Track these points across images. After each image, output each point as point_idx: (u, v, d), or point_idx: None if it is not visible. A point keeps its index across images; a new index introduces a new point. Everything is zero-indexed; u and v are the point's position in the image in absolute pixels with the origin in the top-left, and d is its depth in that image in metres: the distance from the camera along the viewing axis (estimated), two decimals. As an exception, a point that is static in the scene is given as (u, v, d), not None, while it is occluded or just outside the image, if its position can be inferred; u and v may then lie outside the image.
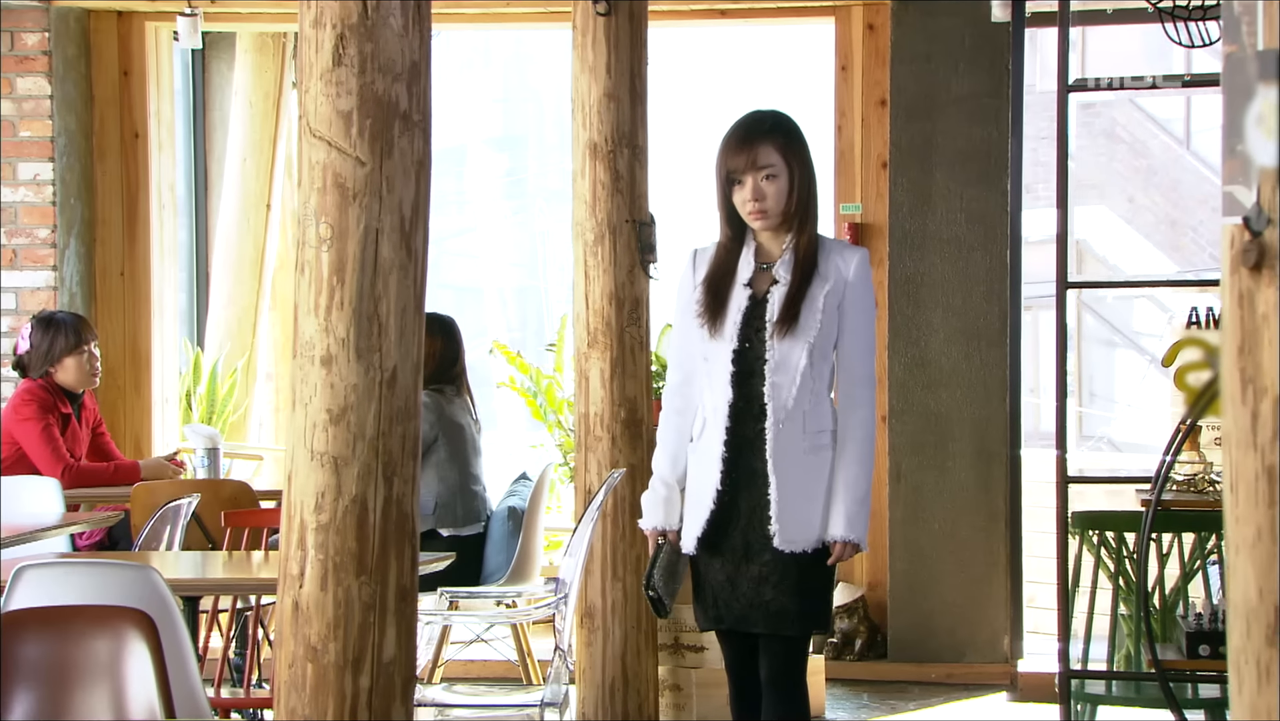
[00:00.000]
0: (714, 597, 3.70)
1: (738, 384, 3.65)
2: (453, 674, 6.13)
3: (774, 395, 3.62)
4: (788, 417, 3.62)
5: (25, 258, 6.91)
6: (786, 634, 3.66)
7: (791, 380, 3.62)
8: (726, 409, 3.65)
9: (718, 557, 3.68)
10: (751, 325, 3.67)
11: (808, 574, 3.64)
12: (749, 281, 3.71)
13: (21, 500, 5.30)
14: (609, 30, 5.66)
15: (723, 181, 3.71)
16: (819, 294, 3.64)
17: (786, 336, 3.63)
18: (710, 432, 3.68)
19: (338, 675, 3.04)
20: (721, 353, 3.67)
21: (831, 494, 3.63)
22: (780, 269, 3.69)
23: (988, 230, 6.53)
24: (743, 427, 3.65)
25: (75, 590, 3.57)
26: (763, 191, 3.66)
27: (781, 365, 3.63)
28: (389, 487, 3.14)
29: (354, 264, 3.16)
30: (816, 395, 3.64)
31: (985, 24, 6.42)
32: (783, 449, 3.61)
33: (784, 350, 3.63)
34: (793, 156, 3.69)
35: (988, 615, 6.48)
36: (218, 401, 7.96)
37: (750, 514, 3.65)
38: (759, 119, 3.75)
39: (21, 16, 6.81)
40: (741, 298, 3.69)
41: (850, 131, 6.82)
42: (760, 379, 3.64)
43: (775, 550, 3.61)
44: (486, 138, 14.60)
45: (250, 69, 8.17)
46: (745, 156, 3.67)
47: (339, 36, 3.09)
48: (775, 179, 3.67)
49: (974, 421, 6.51)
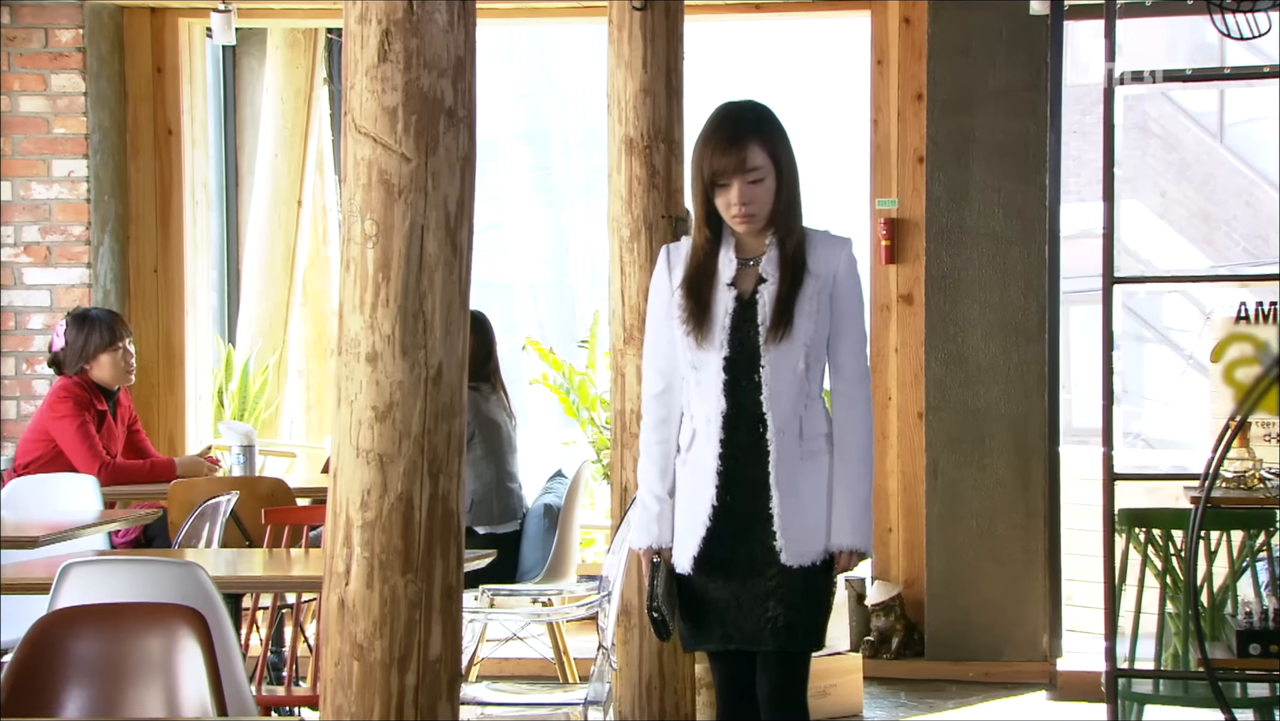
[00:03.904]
0: (718, 617, 3.49)
1: (730, 393, 3.47)
2: (488, 672, 6.11)
3: (773, 403, 3.45)
4: (786, 426, 3.45)
5: (60, 255, 6.91)
6: (793, 650, 3.48)
7: (789, 386, 3.45)
8: (720, 419, 3.46)
9: (719, 575, 3.48)
10: (741, 329, 3.48)
11: (814, 586, 3.48)
12: (732, 280, 3.51)
13: (59, 497, 5.30)
14: (645, 25, 5.63)
15: (705, 183, 3.50)
16: (811, 292, 3.47)
17: (782, 340, 3.45)
18: (702, 445, 3.49)
19: (384, 673, 3.03)
20: (711, 361, 3.47)
21: (833, 501, 3.47)
22: (767, 265, 3.49)
23: (1026, 225, 6.48)
24: (739, 437, 3.47)
25: (121, 587, 3.57)
26: (751, 195, 3.47)
27: (778, 371, 3.45)
28: (434, 485, 3.13)
29: (399, 260, 3.14)
30: (810, 398, 3.48)
31: (1023, 17, 6.37)
32: (783, 458, 3.45)
33: (779, 355, 3.45)
34: (779, 154, 3.50)
35: (1026, 613, 6.43)
36: (250, 398, 7.95)
37: (753, 527, 3.47)
38: (742, 115, 3.53)
39: (56, 13, 6.81)
40: (727, 299, 3.49)
41: (886, 126, 6.78)
42: (755, 386, 3.46)
43: (781, 564, 3.44)
44: (511, 133, 14.59)
45: (281, 65, 8.16)
46: (732, 158, 3.46)
47: (384, 32, 3.07)
48: (763, 181, 3.47)
49: (1012, 417, 6.47)
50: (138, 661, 3.18)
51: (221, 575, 4.01)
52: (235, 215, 8.43)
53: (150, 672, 3.18)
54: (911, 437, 6.69)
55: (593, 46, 11.85)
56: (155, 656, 3.18)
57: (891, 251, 6.73)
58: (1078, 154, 11.89)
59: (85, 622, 3.23)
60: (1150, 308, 13.71)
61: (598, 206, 12.45)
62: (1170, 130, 13.82)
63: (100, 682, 3.16)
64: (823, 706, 5.80)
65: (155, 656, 3.18)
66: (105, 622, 3.24)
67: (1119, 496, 5.12)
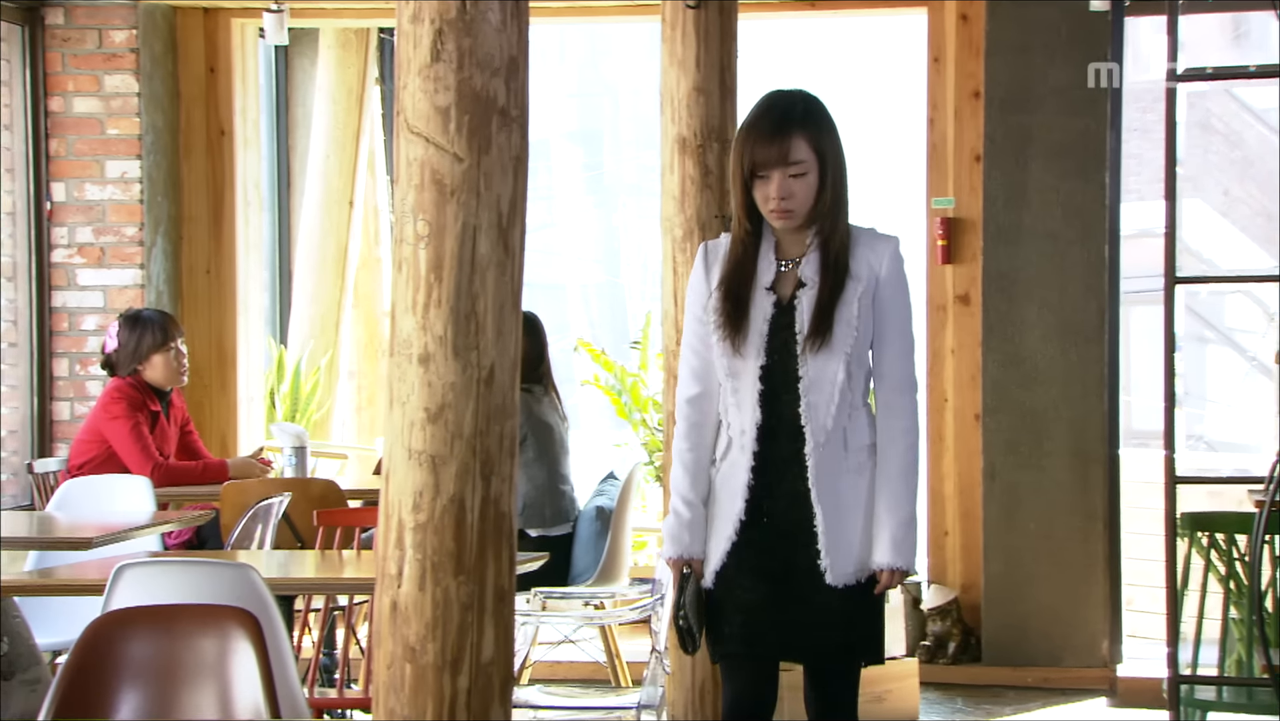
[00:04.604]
0: (744, 623, 3.34)
1: (767, 403, 3.31)
2: (540, 675, 6.08)
3: (811, 415, 3.29)
4: (828, 439, 3.29)
5: (113, 255, 6.93)
6: (836, 666, 3.36)
7: (829, 397, 3.29)
8: (754, 431, 3.32)
9: (750, 583, 3.34)
10: (779, 336, 3.32)
11: (855, 604, 3.33)
12: (771, 284, 3.34)
13: (113, 499, 5.30)
14: (698, 23, 5.59)
15: (745, 174, 3.33)
16: (852, 297, 3.29)
17: (821, 350, 3.28)
18: (735, 456, 3.35)
19: (436, 675, 3.02)
20: (748, 369, 3.32)
21: (875, 516, 3.31)
22: (807, 269, 3.32)
23: (1085, 224, 6.41)
24: (776, 450, 3.32)
25: (174, 589, 3.58)
26: (790, 190, 3.30)
27: (817, 381, 3.29)
28: (487, 487, 3.12)
29: (451, 261, 3.12)
30: (854, 407, 3.32)
31: (1083, 13, 6.30)
32: (825, 472, 3.29)
33: (818, 365, 3.29)
34: (825, 149, 3.32)
35: (1085, 618, 6.36)
36: (301, 399, 7.96)
37: (794, 538, 3.32)
38: (789, 105, 3.35)
39: (110, 14, 6.83)
40: (765, 304, 3.33)
41: (943, 124, 6.72)
42: (794, 396, 3.30)
43: (816, 581, 3.30)
44: (563, 133, 14.59)
45: (333, 65, 8.16)
46: (775, 150, 3.29)
47: (437, 32, 3.05)
48: (805, 176, 3.30)
49: (1070, 420, 6.39)
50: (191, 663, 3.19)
51: (274, 577, 4.00)
52: (287, 216, 8.44)
53: (204, 674, 3.19)
54: (968, 440, 6.63)
55: (645, 45, 11.82)
56: (209, 658, 3.20)
57: (948, 251, 6.67)
58: (1138, 152, 11.78)
59: (139, 624, 3.25)
60: (1213, 308, 13.57)
61: (650, 206, 12.42)
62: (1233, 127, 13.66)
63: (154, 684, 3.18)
64: (878, 711, 5.74)
65: (209, 658, 3.20)
66: (159, 624, 3.25)
67: (1181, 500, 5.04)
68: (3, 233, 6.87)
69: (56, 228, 6.92)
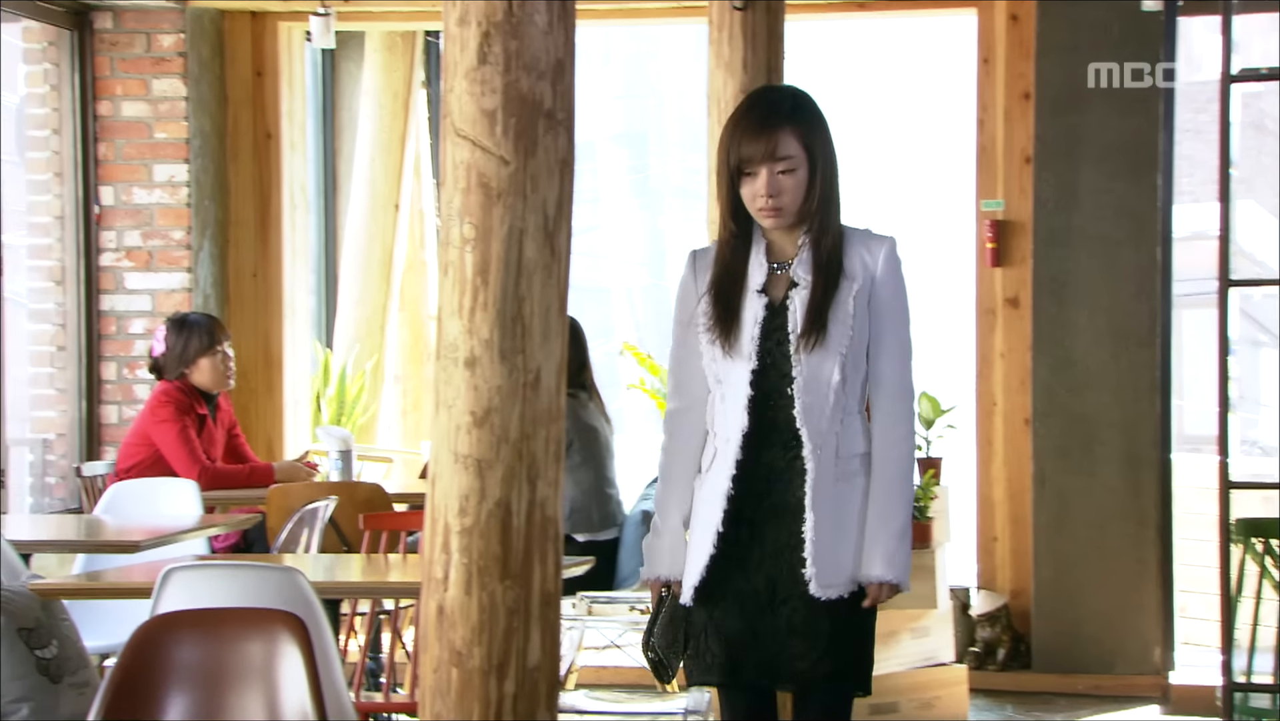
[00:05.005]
0: (726, 647, 3.18)
1: (755, 409, 3.17)
2: (586, 680, 6.06)
3: (807, 418, 3.14)
4: (823, 443, 3.14)
5: (160, 259, 6.95)
6: (821, 689, 3.17)
7: (824, 400, 3.14)
8: (740, 438, 3.16)
9: (734, 604, 3.18)
10: (771, 339, 3.18)
11: (842, 621, 3.16)
12: (763, 287, 3.21)
13: (160, 502, 5.31)
14: (745, 25, 5.56)
15: (731, 171, 3.19)
16: (847, 296, 3.16)
17: (815, 349, 3.14)
18: (719, 465, 3.20)
19: (482, 680, 3.00)
20: (737, 374, 3.18)
21: (866, 527, 3.15)
22: (799, 269, 3.19)
23: (1137, 226, 6.34)
24: (767, 458, 3.17)
25: (222, 592, 3.58)
26: (779, 186, 3.16)
27: (812, 383, 3.14)
28: (532, 491, 3.10)
29: (498, 264, 3.10)
30: (848, 413, 3.17)
31: (1135, 13, 6.23)
32: (820, 479, 3.14)
33: (813, 366, 3.14)
34: (815, 145, 3.18)
35: (1137, 625, 6.29)
36: (347, 403, 7.96)
37: (777, 553, 3.17)
38: (778, 100, 3.24)
39: (158, 18, 6.85)
40: (756, 306, 3.19)
41: (992, 126, 6.66)
42: (787, 401, 3.16)
43: (805, 595, 3.14)
44: (608, 135, 14.58)
45: (379, 68, 8.17)
46: (762, 145, 3.15)
47: (484, 34, 3.04)
48: (794, 172, 3.16)
49: (1122, 424, 6.33)
50: (239, 666, 3.20)
51: (320, 581, 3.99)
52: (333, 219, 8.45)
53: (251, 678, 3.20)
54: (1018, 444, 6.57)
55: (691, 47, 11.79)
56: (256, 662, 3.21)
57: (997, 254, 6.62)
58: (1191, 153, 11.68)
59: (187, 628, 3.27)
60: (1267, 311, 13.43)
61: (695, 209, 12.38)
62: (1287, 129, 13.52)
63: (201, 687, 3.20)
64: (927, 718, 5.69)
65: (256, 662, 3.21)
66: (207, 628, 3.27)
67: (1235, 505, 4.98)
68: (52, 236, 6.90)
69: (105, 231, 6.94)
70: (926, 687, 5.81)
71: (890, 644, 5.88)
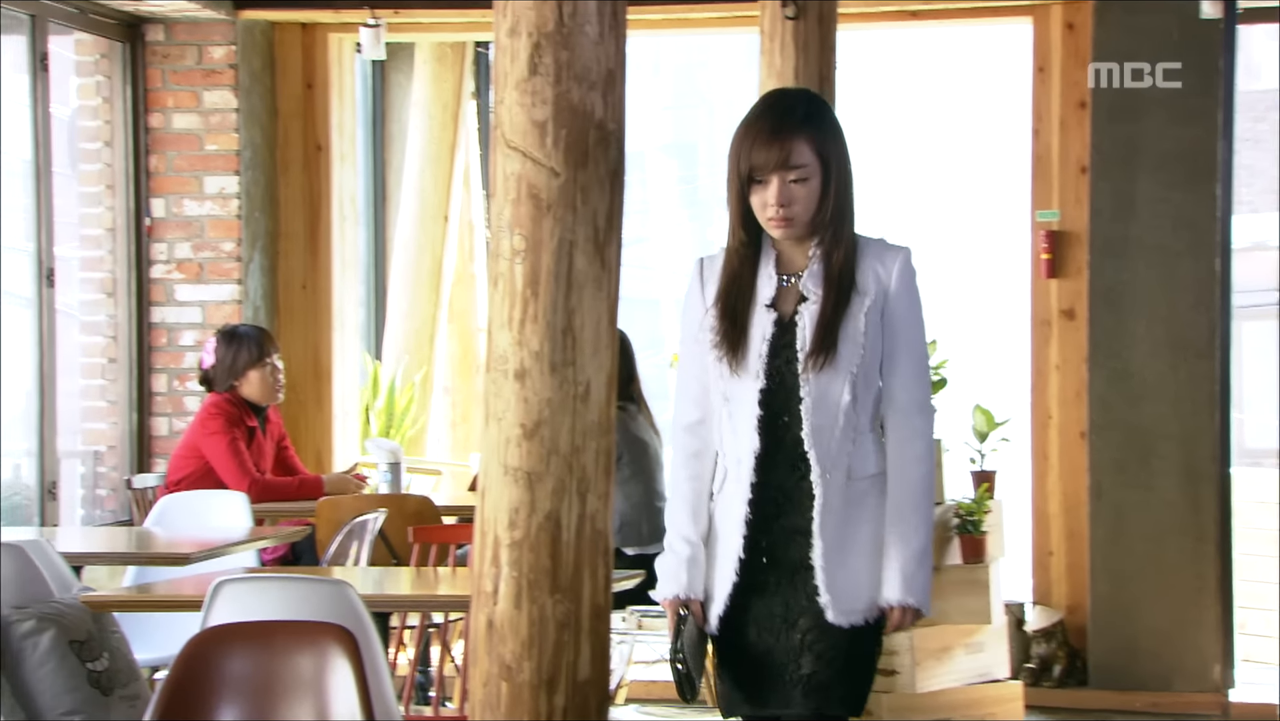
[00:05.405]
0: (753, 677, 3.09)
1: (766, 429, 3.06)
2: (636, 695, 6.01)
3: (816, 440, 3.03)
4: (833, 465, 3.03)
5: (211, 271, 6.96)
6: (828, 714, 3.06)
7: (833, 420, 3.03)
8: (752, 460, 3.06)
9: (753, 628, 3.09)
10: (780, 356, 3.06)
11: (857, 645, 3.06)
12: (772, 301, 3.09)
13: (210, 514, 5.31)
14: (797, 34, 5.52)
15: (741, 178, 3.08)
16: (858, 311, 3.03)
17: (825, 368, 3.02)
18: (733, 488, 3.09)
19: (532, 694, 2.99)
20: (745, 392, 3.06)
21: (885, 549, 3.05)
22: (809, 282, 3.07)
23: (1195, 237, 6.26)
24: (776, 479, 3.06)
25: (272, 605, 3.58)
26: (790, 196, 3.04)
27: (820, 403, 3.03)
28: (583, 504, 3.08)
29: (548, 276, 3.07)
30: (859, 433, 3.06)
31: (1193, 20, 6.16)
32: (830, 502, 3.03)
33: (822, 385, 3.03)
34: (829, 153, 3.05)
35: (1196, 641, 6.20)
36: (396, 415, 7.96)
37: (792, 577, 3.07)
38: (791, 105, 3.09)
39: (209, 30, 6.87)
40: (765, 322, 3.07)
41: (1047, 135, 6.59)
42: (795, 421, 3.04)
43: (819, 617, 3.04)
44: (658, 145, 14.56)
45: (429, 79, 8.17)
46: (774, 152, 3.03)
47: (535, 45, 3.01)
48: (806, 182, 3.04)
49: (1181, 437, 6.25)
50: (289, 679, 3.22)
51: (370, 594, 3.97)
52: (383, 231, 8.46)
53: (301, 690, 3.21)
54: (1073, 457, 6.49)
55: (742, 56, 11.75)
56: (306, 674, 3.22)
57: (1052, 265, 6.55)
58: (1250, 162, 11.56)
59: (238, 640, 3.28)
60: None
61: (745, 221, 12.28)
62: (1343, 137, 13.38)
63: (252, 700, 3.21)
64: (982, 736, 5.63)
65: (306, 674, 3.22)
66: (258, 640, 3.28)
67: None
68: (103, 249, 6.92)
69: (156, 243, 6.96)
70: (981, 704, 5.76)
71: (944, 659, 5.82)
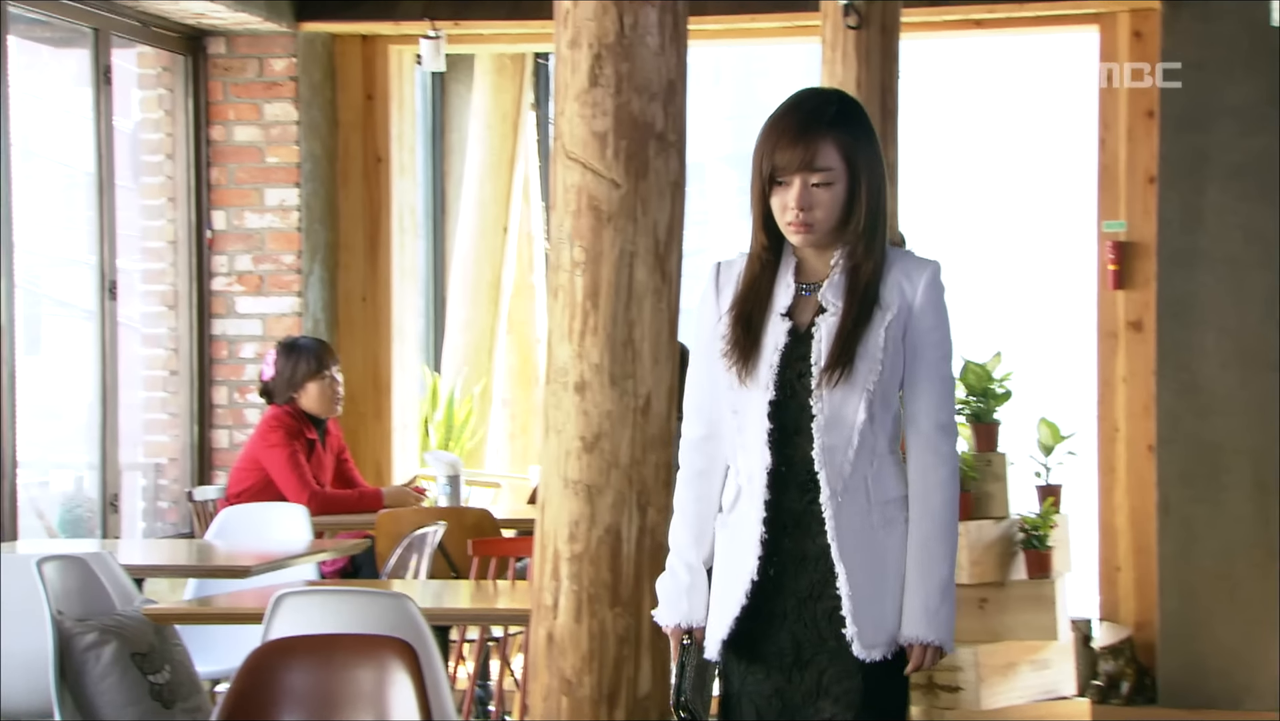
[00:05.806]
0: (756, 714, 2.89)
1: (777, 445, 2.86)
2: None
3: (827, 460, 2.84)
4: (845, 488, 2.84)
5: (271, 283, 6.98)
6: None
7: (847, 440, 2.83)
8: (764, 476, 2.86)
9: (758, 663, 2.89)
10: (792, 369, 2.87)
11: (878, 684, 2.85)
12: (788, 310, 2.90)
13: (270, 527, 5.32)
14: (859, 44, 5.48)
15: (763, 179, 2.90)
16: (879, 326, 2.85)
17: (839, 385, 2.83)
18: (745, 507, 2.88)
19: (593, 709, 2.97)
20: (755, 405, 2.87)
21: (906, 581, 2.85)
22: (828, 292, 2.88)
23: (1266, 248, 6.17)
24: (786, 500, 2.87)
25: (331, 618, 3.59)
26: (812, 200, 2.85)
27: (834, 421, 2.84)
28: (643, 517, 3.06)
29: (608, 288, 3.05)
30: (877, 455, 2.86)
31: (1264, 28, 6.05)
32: (847, 528, 2.83)
33: (836, 402, 2.83)
34: (858, 158, 2.87)
35: (1267, 659, 6.09)
36: (455, 427, 7.95)
37: (800, 608, 2.87)
38: (820, 105, 2.90)
39: (270, 43, 6.90)
40: (779, 331, 2.88)
41: (1114, 145, 6.51)
42: (807, 438, 2.85)
43: (836, 654, 2.84)
44: (718, 156, 14.52)
45: (489, 90, 8.17)
46: (798, 153, 2.85)
47: (595, 56, 3.00)
48: (830, 186, 2.85)
49: (1251, 451, 6.15)
50: (350, 692, 3.23)
51: (429, 607, 3.96)
52: (442, 242, 8.46)
53: (362, 703, 3.23)
54: (1141, 471, 6.40)
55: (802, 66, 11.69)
56: (367, 687, 3.24)
57: (1119, 276, 6.47)
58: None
59: (300, 653, 3.30)
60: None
61: (805, 232, 12.23)
62: None
63: (313, 713, 3.24)
64: (1048, 754, 5.54)
65: (367, 687, 3.24)
66: (319, 653, 3.30)
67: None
68: (165, 261, 6.96)
69: (217, 256, 6.99)
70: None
71: (1009, 676, 5.75)
